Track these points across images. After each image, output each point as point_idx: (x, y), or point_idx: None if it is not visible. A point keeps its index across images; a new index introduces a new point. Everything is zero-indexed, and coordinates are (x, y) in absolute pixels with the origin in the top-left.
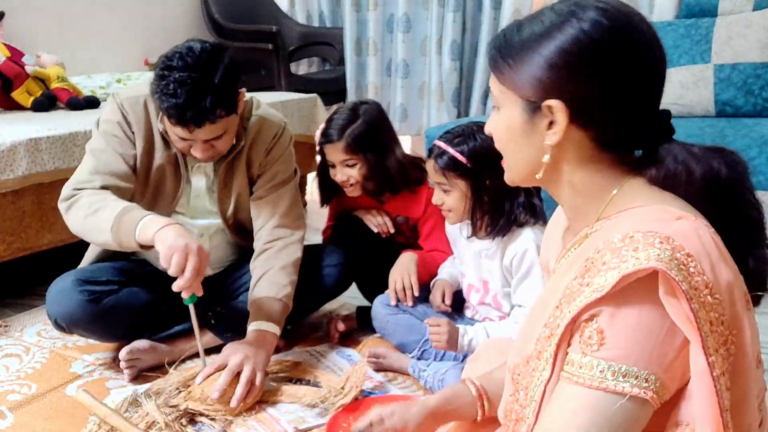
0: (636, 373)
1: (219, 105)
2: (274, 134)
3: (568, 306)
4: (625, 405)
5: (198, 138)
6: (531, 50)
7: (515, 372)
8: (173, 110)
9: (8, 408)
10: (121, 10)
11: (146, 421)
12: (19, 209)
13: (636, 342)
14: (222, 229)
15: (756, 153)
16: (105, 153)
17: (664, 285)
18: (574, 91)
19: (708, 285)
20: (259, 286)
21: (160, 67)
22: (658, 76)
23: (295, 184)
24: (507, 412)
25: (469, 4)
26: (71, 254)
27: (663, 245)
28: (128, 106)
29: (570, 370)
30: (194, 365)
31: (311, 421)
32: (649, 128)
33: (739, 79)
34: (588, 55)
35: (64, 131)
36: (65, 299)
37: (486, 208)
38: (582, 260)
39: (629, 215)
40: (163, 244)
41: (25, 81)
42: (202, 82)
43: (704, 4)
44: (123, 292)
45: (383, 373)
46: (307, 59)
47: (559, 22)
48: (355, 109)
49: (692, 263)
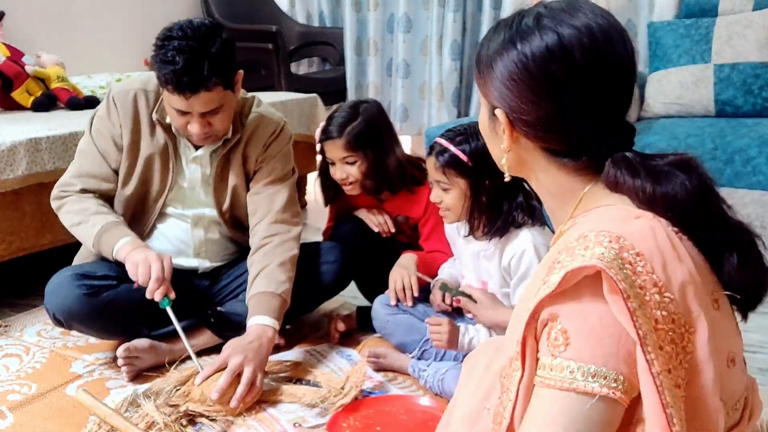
0: (605, 373)
1: (215, 72)
2: (272, 131)
3: (529, 304)
4: (596, 405)
5: (195, 110)
6: (490, 61)
7: (501, 374)
8: (171, 75)
9: (8, 408)
10: (121, 10)
11: (146, 421)
12: (19, 209)
13: (600, 341)
14: (218, 222)
15: (756, 153)
16: (89, 155)
17: (606, 283)
18: (514, 105)
19: (657, 284)
20: (257, 281)
21: (159, 38)
22: (609, 94)
23: (293, 182)
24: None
25: (469, 4)
26: (71, 254)
27: (611, 244)
28: (117, 98)
29: (542, 374)
30: (194, 365)
31: (311, 420)
32: (596, 142)
33: (739, 78)
34: (524, 77)
35: (64, 131)
36: (64, 293)
37: (484, 208)
38: (551, 260)
39: (593, 215)
40: (128, 262)
41: (25, 81)
42: (199, 49)
43: (704, 4)
44: (121, 287)
45: (383, 373)
46: (307, 59)
47: (509, 39)
48: (355, 107)
49: (641, 262)
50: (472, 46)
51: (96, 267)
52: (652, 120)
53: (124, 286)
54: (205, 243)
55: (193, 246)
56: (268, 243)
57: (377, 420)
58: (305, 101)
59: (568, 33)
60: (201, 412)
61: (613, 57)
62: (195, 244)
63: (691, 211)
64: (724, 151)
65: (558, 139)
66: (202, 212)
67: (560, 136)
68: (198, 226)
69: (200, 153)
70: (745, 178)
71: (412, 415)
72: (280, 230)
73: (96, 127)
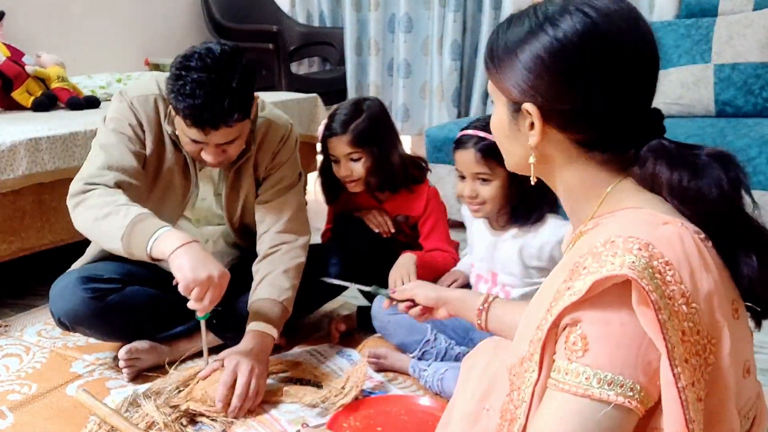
0: (621, 381)
1: (236, 108)
2: (281, 137)
3: (550, 311)
4: (610, 413)
5: (211, 141)
6: (512, 53)
7: (511, 372)
8: (190, 111)
9: (8, 408)
10: (121, 10)
11: (146, 421)
12: (20, 209)
13: (619, 349)
14: (227, 233)
15: (756, 153)
16: (116, 148)
17: (636, 293)
18: (546, 95)
19: (684, 294)
20: (260, 288)
21: (176, 67)
22: (642, 79)
23: (301, 188)
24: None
25: (469, 4)
26: (72, 254)
27: (641, 252)
28: (138, 105)
29: (556, 377)
30: (194, 365)
31: (312, 421)
32: (631, 129)
33: (739, 78)
34: (559, 62)
35: (64, 131)
36: (69, 296)
37: (524, 196)
38: (572, 263)
39: (618, 217)
40: (182, 273)
41: (26, 81)
42: (220, 84)
43: (704, 4)
44: (126, 290)
45: (383, 373)
46: (307, 59)
47: (536, 26)
48: (358, 104)
49: (670, 272)
50: (472, 46)
51: (101, 269)
52: None
53: (129, 289)
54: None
55: None
56: (275, 252)
57: (377, 420)
58: (305, 101)
59: (598, 15)
60: (202, 411)
61: (643, 38)
62: None
63: (721, 211)
64: None
65: (592, 127)
66: (213, 229)
67: (594, 125)
68: (207, 243)
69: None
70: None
71: (412, 415)
72: (288, 239)
73: (116, 128)
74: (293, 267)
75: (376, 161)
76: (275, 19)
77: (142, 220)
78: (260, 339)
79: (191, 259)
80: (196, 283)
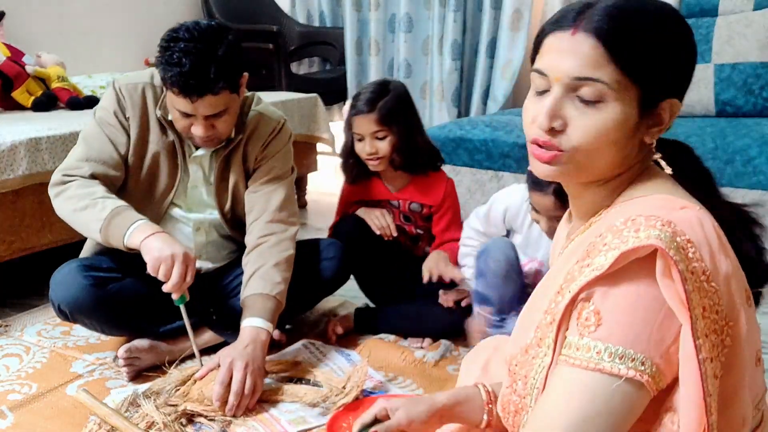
0: (632, 355)
1: (222, 77)
2: (272, 129)
3: (568, 288)
4: (621, 387)
5: (199, 112)
6: (650, 48)
7: (512, 363)
8: (177, 78)
9: (8, 408)
10: (121, 10)
11: (146, 420)
12: (20, 209)
13: (633, 324)
14: (219, 223)
15: (756, 153)
16: (97, 140)
17: (662, 264)
18: (678, 85)
19: (705, 272)
20: (251, 282)
21: (165, 39)
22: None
23: (291, 181)
24: (504, 405)
25: (469, 4)
26: (71, 254)
27: (664, 228)
28: (125, 91)
29: (567, 353)
30: (194, 364)
31: (312, 421)
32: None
33: (740, 78)
34: (680, 47)
35: (64, 131)
36: (70, 284)
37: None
38: (584, 246)
39: (633, 203)
40: (150, 254)
41: (26, 81)
42: (206, 52)
43: (704, 4)
44: (126, 280)
45: (383, 373)
46: (307, 59)
47: (653, 18)
48: (384, 83)
49: (691, 248)
50: (473, 46)
51: (101, 260)
52: None
53: (129, 280)
54: (206, 245)
55: (194, 249)
56: (264, 243)
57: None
58: (306, 101)
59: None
60: (200, 411)
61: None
62: (197, 248)
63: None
64: (724, 151)
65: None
66: (204, 217)
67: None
68: (200, 231)
69: (201, 152)
70: (745, 178)
71: None
72: (276, 229)
73: (102, 117)
74: (283, 260)
75: (401, 140)
76: (275, 19)
77: (118, 214)
78: (255, 335)
79: (157, 243)
80: (160, 261)
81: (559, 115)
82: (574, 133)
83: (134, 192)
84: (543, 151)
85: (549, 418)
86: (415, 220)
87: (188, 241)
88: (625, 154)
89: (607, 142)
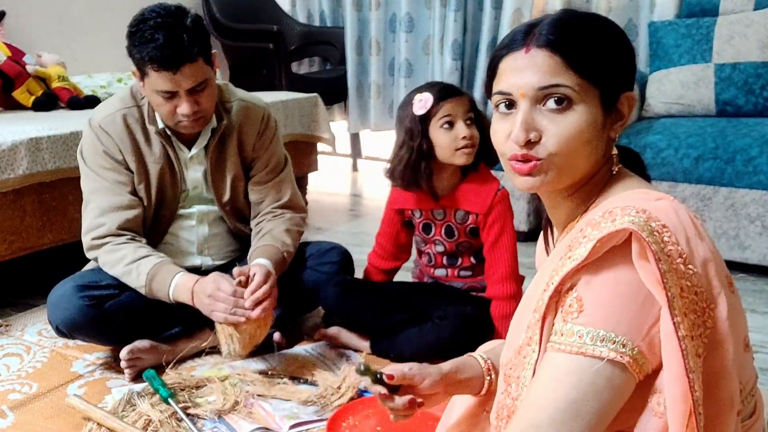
0: (613, 338)
1: (195, 43)
2: (261, 116)
3: (551, 281)
4: (603, 369)
5: (182, 87)
6: (603, 49)
7: (507, 367)
8: (154, 52)
9: (9, 407)
10: (121, 10)
11: (143, 419)
12: (20, 209)
13: (613, 308)
14: (221, 217)
15: (757, 152)
16: (101, 190)
17: (637, 247)
18: (628, 79)
19: (682, 255)
20: (262, 238)
21: (132, 25)
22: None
23: (290, 170)
24: (499, 411)
25: (470, 4)
26: (72, 254)
27: (639, 214)
28: (106, 126)
29: (554, 339)
30: (194, 364)
31: (305, 417)
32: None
33: (740, 78)
34: (625, 47)
35: (65, 131)
36: (66, 305)
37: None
38: (569, 240)
39: (610, 201)
40: (201, 307)
41: (26, 80)
42: (175, 24)
43: (705, 4)
44: (123, 295)
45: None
46: (308, 59)
47: (601, 23)
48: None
49: (666, 233)
50: (473, 46)
51: (98, 276)
52: (653, 120)
53: (126, 294)
54: (209, 239)
55: (196, 243)
56: (278, 216)
57: (377, 420)
58: (306, 101)
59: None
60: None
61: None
62: (199, 241)
63: None
64: (725, 151)
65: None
66: (206, 208)
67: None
68: (202, 222)
69: (195, 152)
70: (746, 178)
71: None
72: (288, 212)
73: (95, 162)
74: (295, 230)
75: (485, 130)
76: (275, 19)
77: (154, 276)
78: (261, 267)
79: (197, 298)
80: (210, 308)
81: (533, 126)
82: (549, 141)
83: (149, 210)
84: (522, 164)
85: (537, 403)
86: (458, 234)
87: (190, 234)
88: (598, 152)
89: (582, 143)
